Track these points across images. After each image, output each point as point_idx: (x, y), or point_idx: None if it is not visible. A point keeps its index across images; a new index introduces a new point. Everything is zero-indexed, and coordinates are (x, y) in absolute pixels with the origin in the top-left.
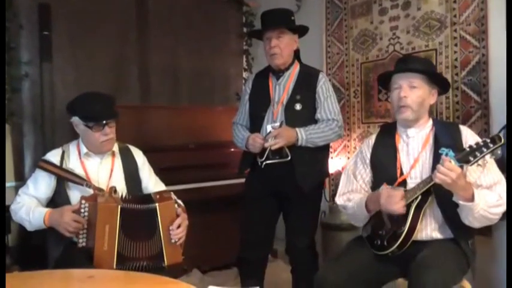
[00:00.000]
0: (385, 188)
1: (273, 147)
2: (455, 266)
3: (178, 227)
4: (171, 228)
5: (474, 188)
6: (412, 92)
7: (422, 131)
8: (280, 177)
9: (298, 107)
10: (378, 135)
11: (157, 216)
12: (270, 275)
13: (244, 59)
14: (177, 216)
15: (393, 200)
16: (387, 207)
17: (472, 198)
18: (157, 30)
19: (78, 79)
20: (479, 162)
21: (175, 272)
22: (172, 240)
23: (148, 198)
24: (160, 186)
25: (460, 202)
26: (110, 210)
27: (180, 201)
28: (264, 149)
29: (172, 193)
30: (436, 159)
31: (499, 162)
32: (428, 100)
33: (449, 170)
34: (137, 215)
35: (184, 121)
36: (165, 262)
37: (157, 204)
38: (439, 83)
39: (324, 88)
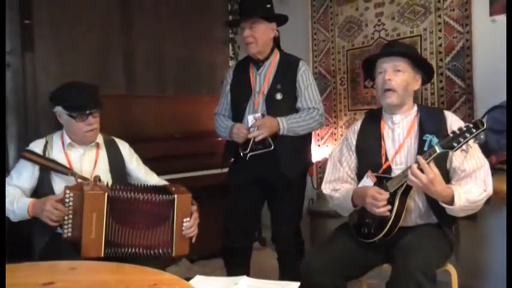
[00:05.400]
0: (371, 189)
1: (257, 139)
2: (438, 251)
3: (191, 226)
4: (184, 220)
5: (455, 188)
6: (397, 76)
7: (407, 117)
8: (264, 166)
9: (279, 96)
10: (363, 121)
11: (173, 208)
12: (258, 263)
13: (231, 48)
14: (191, 214)
15: (378, 204)
16: (372, 209)
17: (452, 202)
18: (141, 18)
19: (61, 69)
20: (463, 147)
21: (164, 261)
22: (183, 233)
23: (164, 189)
24: (151, 176)
25: (441, 204)
26: (96, 197)
27: None
28: (247, 140)
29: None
30: (421, 145)
31: (482, 147)
32: (412, 85)
33: (419, 174)
34: (143, 204)
35: (169, 111)
36: (173, 253)
37: (176, 196)
38: (423, 68)
39: (305, 77)
